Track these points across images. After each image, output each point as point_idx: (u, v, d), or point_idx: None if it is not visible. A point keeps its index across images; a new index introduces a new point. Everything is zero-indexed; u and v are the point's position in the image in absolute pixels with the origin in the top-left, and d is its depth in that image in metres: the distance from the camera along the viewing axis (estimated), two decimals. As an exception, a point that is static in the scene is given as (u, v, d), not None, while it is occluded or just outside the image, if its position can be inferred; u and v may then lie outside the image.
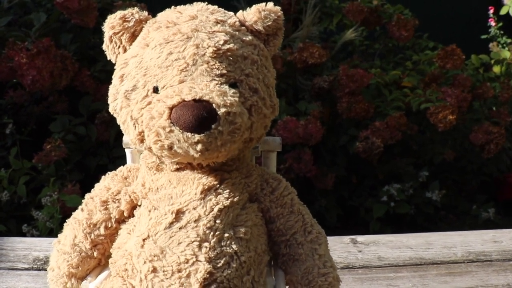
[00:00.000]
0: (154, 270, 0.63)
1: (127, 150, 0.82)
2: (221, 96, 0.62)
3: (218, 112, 0.61)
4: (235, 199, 0.68)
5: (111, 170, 0.77)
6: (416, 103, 2.02)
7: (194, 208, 0.66)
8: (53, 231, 1.56)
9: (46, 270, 1.06)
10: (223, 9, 0.73)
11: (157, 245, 0.64)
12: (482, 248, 1.11)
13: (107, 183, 0.75)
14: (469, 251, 1.10)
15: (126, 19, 0.70)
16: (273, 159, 0.83)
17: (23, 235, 1.66)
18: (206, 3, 0.73)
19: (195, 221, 0.65)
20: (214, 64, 0.65)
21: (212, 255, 0.63)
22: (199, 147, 0.61)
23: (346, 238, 1.16)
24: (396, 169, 2.16)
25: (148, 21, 0.71)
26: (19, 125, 1.89)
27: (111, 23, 0.71)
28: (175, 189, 0.68)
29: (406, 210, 2.05)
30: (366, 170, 2.17)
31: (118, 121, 0.72)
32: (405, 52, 2.46)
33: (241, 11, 0.73)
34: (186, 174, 0.69)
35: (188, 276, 0.62)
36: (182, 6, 0.73)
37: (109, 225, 0.73)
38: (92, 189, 0.76)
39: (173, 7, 0.73)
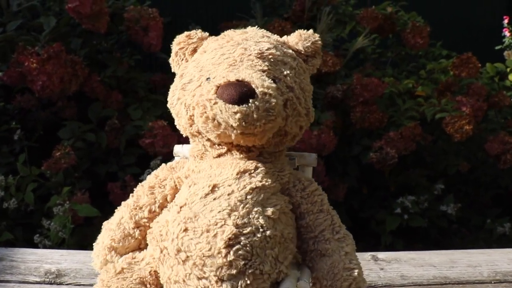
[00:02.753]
0: (186, 230, 0.71)
1: (176, 159, 0.88)
2: (260, 80, 0.73)
3: (256, 91, 0.71)
4: (267, 183, 0.75)
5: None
6: (431, 113, 1.98)
7: (229, 185, 0.73)
8: (65, 241, 1.53)
9: (58, 284, 1.04)
10: (275, 35, 0.85)
11: (191, 210, 0.72)
12: (509, 267, 1.07)
13: (157, 172, 0.83)
14: (495, 271, 1.06)
15: (191, 37, 0.84)
16: (309, 173, 0.87)
17: (31, 243, 1.63)
18: (257, 26, 0.85)
19: (228, 194, 0.72)
20: (257, 62, 0.77)
21: (239, 222, 0.70)
22: (237, 116, 0.70)
23: (367, 255, 1.12)
24: (409, 181, 2.13)
25: (208, 38, 0.84)
26: (27, 130, 1.87)
27: (178, 40, 0.84)
28: (215, 171, 0.76)
29: (420, 223, 2.02)
30: (378, 181, 2.14)
31: (173, 114, 0.81)
32: (418, 61, 2.43)
33: (285, 36, 0.85)
34: (225, 159, 0.77)
35: (215, 235, 0.69)
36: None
37: (153, 209, 0.80)
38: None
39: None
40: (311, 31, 0.85)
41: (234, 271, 0.68)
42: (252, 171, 0.76)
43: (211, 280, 0.69)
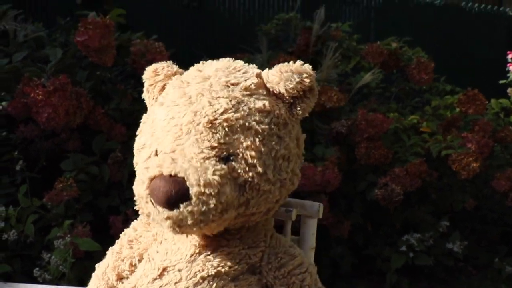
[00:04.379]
0: None
1: None
2: (198, 174, 0.61)
3: (190, 191, 0.61)
4: (224, 269, 0.66)
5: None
6: (436, 149, 1.98)
7: (180, 270, 0.66)
8: (65, 276, 1.50)
9: (59, 323, 1.01)
10: (246, 68, 0.70)
11: None
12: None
13: (135, 225, 0.79)
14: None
15: (157, 73, 0.74)
16: (311, 226, 0.77)
17: (29, 275, 1.60)
18: (233, 59, 0.72)
19: (175, 283, 0.65)
20: (206, 135, 0.65)
21: None
22: (168, 223, 0.62)
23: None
24: (414, 218, 2.11)
25: (175, 76, 0.73)
26: (29, 161, 1.85)
27: (147, 75, 0.76)
28: (174, 246, 0.69)
29: (426, 261, 1.99)
30: (382, 217, 2.12)
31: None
32: (422, 96, 2.43)
33: (267, 70, 0.70)
34: (186, 236, 0.69)
35: None
36: (209, 62, 0.73)
37: (133, 262, 0.77)
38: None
39: (201, 62, 0.73)
40: (297, 63, 0.68)
41: None
42: (209, 253, 0.67)
43: None
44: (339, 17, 2.63)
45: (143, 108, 2.19)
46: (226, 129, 0.65)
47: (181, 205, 0.61)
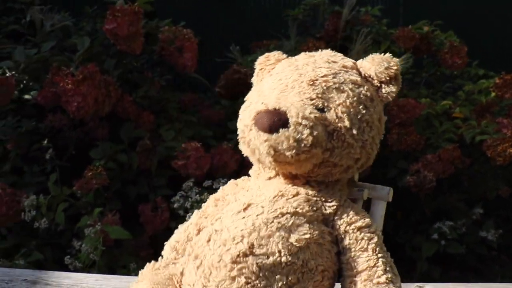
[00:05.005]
0: (209, 240, 0.74)
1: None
2: (297, 109, 0.73)
3: (290, 121, 0.71)
4: (302, 211, 0.74)
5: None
6: (470, 135, 1.93)
7: (262, 206, 0.74)
8: (96, 263, 1.51)
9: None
10: (346, 57, 0.81)
11: (222, 224, 0.75)
12: None
13: (224, 186, 0.86)
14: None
15: (269, 59, 0.85)
16: (380, 208, 0.82)
17: (60, 264, 1.62)
18: (334, 52, 0.83)
19: (257, 215, 0.73)
20: (308, 89, 0.76)
21: (255, 243, 0.71)
22: (265, 144, 0.72)
23: (413, 286, 1.06)
24: (445, 205, 2.06)
25: (283, 60, 0.84)
26: (58, 150, 1.87)
27: (259, 61, 0.85)
28: (259, 191, 0.78)
29: (458, 250, 1.94)
30: (412, 205, 2.08)
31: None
32: (453, 81, 2.37)
33: (361, 59, 0.81)
34: (272, 182, 0.79)
35: (228, 250, 0.71)
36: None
37: (216, 219, 0.81)
38: None
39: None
40: (387, 54, 0.80)
41: (234, 287, 0.70)
42: (291, 196, 0.75)
43: None
44: (368, 1, 2.58)
45: (171, 96, 2.20)
46: (324, 87, 0.76)
47: (281, 130, 0.71)
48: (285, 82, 0.78)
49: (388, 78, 0.78)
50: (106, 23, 1.65)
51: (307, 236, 0.72)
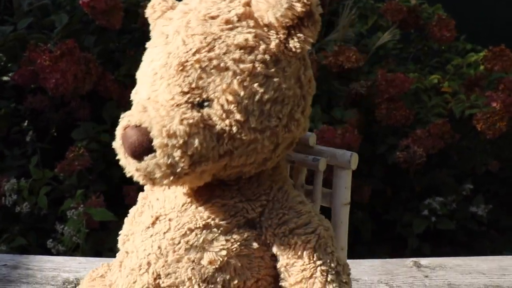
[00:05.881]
0: (120, 265, 0.64)
1: None
2: (161, 124, 0.56)
3: (153, 143, 0.55)
4: (214, 222, 0.60)
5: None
6: (459, 109, 1.91)
7: (170, 220, 0.62)
8: (79, 247, 1.47)
9: (76, 294, 0.99)
10: (235, 1, 0.59)
11: (134, 243, 0.64)
12: None
13: None
14: (552, 278, 0.98)
15: (155, 10, 0.67)
16: (344, 178, 0.66)
17: (45, 248, 1.58)
18: None
19: (164, 232, 0.61)
20: (177, 80, 0.58)
21: (162, 273, 0.59)
22: (138, 175, 0.58)
23: (409, 261, 1.04)
24: (435, 181, 2.05)
25: (168, 11, 0.65)
26: (39, 132, 1.82)
27: (146, 13, 0.68)
28: (173, 193, 0.64)
29: (449, 226, 1.94)
30: (402, 182, 2.06)
31: None
32: (441, 55, 2.35)
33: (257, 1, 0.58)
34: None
35: (134, 282, 0.60)
36: None
37: None
38: None
39: None
40: None
41: None
42: (201, 203, 0.61)
43: None
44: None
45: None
46: (199, 71, 0.57)
47: (146, 158, 0.56)
48: (155, 67, 0.60)
49: (296, 20, 0.56)
50: (83, -4, 1.59)
51: (223, 252, 0.59)
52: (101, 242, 1.60)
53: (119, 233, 0.70)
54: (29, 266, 1.06)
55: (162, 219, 0.62)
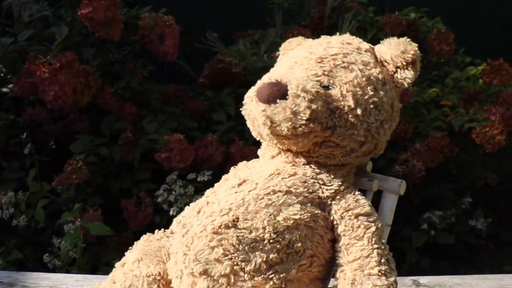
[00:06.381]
0: (199, 211, 0.74)
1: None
2: (298, 82, 0.72)
3: (289, 92, 0.70)
4: (295, 191, 0.72)
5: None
6: (458, 123, 1.91)
7: (257, 183, 0.73)
8: (76, 261, 1.46)
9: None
10: (364, 42, 0.80)
11: (215, 197, 0.74)
12: None
13: (236, 166, 0.83)
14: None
15: (291, 43, 0.85)
16: (390, 201, 0.79)
17: (42, 262, 1.57)
18: (354, 36, 0.82)
19: (249, 190, 0.72)
20: (315, 66, 0.76)
21: (241, 217, 0.69)
22: (262, 114, 0.71)
23: (407, 280, 1.04)
24: (434, 195, 2.04)
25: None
26: (37, 144, 1.81)
27: (282, 47, 0.87)
28: (259, 169, 0.77)
29: (448, 240, 1.93)
30: (401, 195, 2.05)
31: None
32: (440, 69, 2.35)
33: (379, 44, 0.80)
34: (274, 161, 0.77)
35: (213, 221, 0.70)
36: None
37: None
38: None
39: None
40: (404, 38, 0.79)
41: (211, 257, 0.68)
42: (287, 176, 0.74)
43: (190, 258, 0.70)
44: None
45: (154, 87, 2.15)
46: (332, 65, 0.76)
47: (278, 101, 0.70)
48: (295, 60, 0.78)
49: (404, 63, 0.76)
50: (82, 7, 1.59)
51: (297, 216, 0.70)
52: (98, 257, 1.59)
53: (179, 215, 0.80)
54: (25, 283, 1.06)
55: (249, 182, 0.74)
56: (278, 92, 0.71)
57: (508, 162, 2.08)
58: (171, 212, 1.57)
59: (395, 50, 0.77)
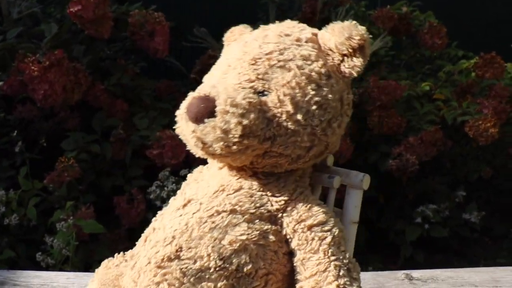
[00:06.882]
0: (145, 240, 0.70)
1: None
2: (227, 95, 0.65)
3: (217, 109, 0.64)
4: (240, 208, 0.68)
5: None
6: (451, 116, 1.91)
7: (201, 203, 0.69)
8: (69, 259, 1.46)
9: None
10: (307, 27, 0.73)
11: (161, 222, 0.70)
12: (559, 285, 0.98)
13: (191, 173, 0.79)
14: (545, 290, 0.97)
15: (233, 33, 0.78)
16: (354, 198, 0.72)
17: (34, 261, 1.56)
18: (298, 22, 0.74)
19: (193, 213, 0.68)
20: (248, 70, 0.69)
21: (184, 246, 0.65)
22: (192, 136, 0.66)
23: (400, 274, 1.04)
24: (427, 188, 2.05)
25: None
26: (28, 142, 1.80)
27: (224, 37, 0.79)
28: (206, 182, 0.72)
29: (442, 233, 1.93)
30: (394, 189, 2.06)
31: None
32: (433, 62, 2.35)
33: (323, 29, 0.72)
34: (221, 173, 0.72)
35: (156, 252, 0.66)
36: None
37: None
38: None
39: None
40: (349, 22, 0.69)
41: None
42: (232, 191, 0.69)
43: None
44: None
45: (146, 84, 2.14)
46: (267, 66, 0.68)
47: (206, 120, 0.65)
48: (229, 61, 0.71)
49: (350, 50, 0.68)
50: (71, 5, 1.58)
51: (243, 237, 0.65)
52: (91, 255, 1.58)
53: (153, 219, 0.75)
54: (16, 282, 1.05)
55: (194, 202, 0.69)
56: (206, 110, 0.64)
57: (501, 155, 2.09)
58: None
59: (339, 36, 0.67)
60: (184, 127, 0.67)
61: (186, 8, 2.66)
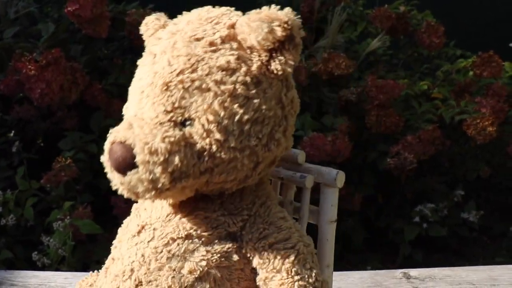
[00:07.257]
0: (105, 271, 0.66)
1: None
2: (143, 141, 0.57)
3: (136, 159, 0.57)
4: (196, 233, 0.62)
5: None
6: (450, 115, 1.91)
7: (155, 229, 0.63)
8: (65, 259, 1.45)
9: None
10: (221, 18, 0.61)
11: (120, 251, 0.65)
12: (557, 283, 0.98)
13: None
14: (543, 288, 0.97)
15: (148, 27, 0.67)
16: (329, 197, 0.66)
17: (32, 262, 1.55)
18: (211, 6, 0.64)
19: (148, 241, 0.63)
20: (161, 99, 0.59)
21: (144, 280, 0.61)
22: (122, 188, 0.59)
23: (398, 272, 1.04)
24: (426, 187, 2.05)
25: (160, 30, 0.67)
26: (26, 142, 1.80)
27: (141, 30, 0.69)
28: (160, 203, 0.65)
29: (440, 232, 1.93)
30: (393, 188, 2.06)
31: None
32: (431, 62, 2.35)
33: (240, 20, 0.60)
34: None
35: (117, 287, 0.62)
36: (192, 11, 0.66)
37: None
38: None
39: (184, 12, 0.66)
40: (267, 10, 0.58)
41: None
42: (185, 214, 0.63)
43: None
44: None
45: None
46: (182, 91, 0.58)
47: (129, 173, 0.58)
48: (142, 85, 0.61)
49: (277, 44, 0.57)
50: (68, 4, 1.58)
51: (203, 263, 0.60)
52: (88, 255, 1.57)
53: (112, 242, 0.70)
54: (13, 282, 1.04)
55: (148, 228, 0.64)
56: (125, 162, 0.57)
57: (500, 154, 2.09)
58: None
59: (258, 32, 0.57)
60: (112, 177, 0.60)
61: (183, 7, 2.65)
